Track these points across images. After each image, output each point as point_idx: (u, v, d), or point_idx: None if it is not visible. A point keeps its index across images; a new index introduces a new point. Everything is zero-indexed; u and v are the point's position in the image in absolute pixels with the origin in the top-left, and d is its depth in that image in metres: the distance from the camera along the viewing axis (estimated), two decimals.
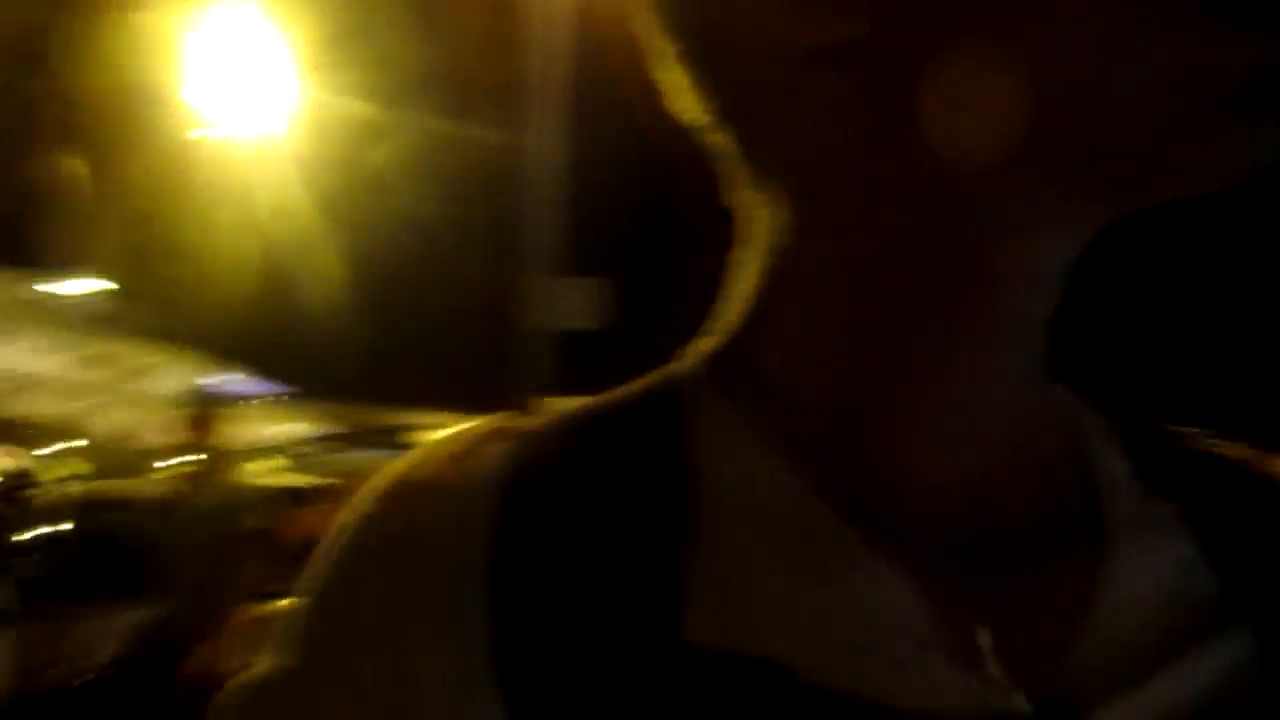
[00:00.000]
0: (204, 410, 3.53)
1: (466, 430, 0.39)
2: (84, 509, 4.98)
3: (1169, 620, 0.34)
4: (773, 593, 0.32)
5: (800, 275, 0.36)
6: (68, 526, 4.85)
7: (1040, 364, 0.36)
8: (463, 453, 0.37)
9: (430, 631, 0.33)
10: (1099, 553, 0.35)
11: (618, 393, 0.39)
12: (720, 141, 0.37)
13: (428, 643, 0.33)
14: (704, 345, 0.39)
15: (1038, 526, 0.35)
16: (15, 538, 6.91)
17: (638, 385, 0.40)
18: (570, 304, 5.36)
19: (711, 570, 0.33)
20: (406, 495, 0.36)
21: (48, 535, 5.04)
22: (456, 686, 0.32)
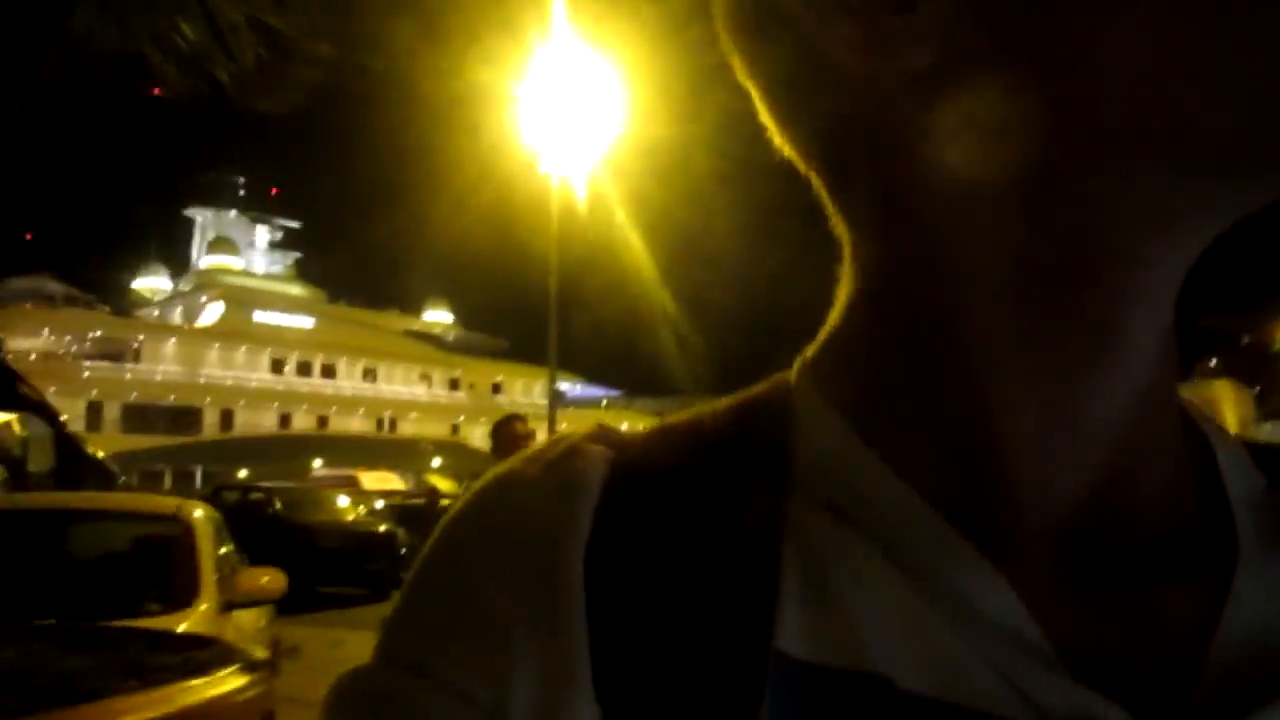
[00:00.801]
0: (550, 416, 3.88)
1: (568, 435, 0.39)
2: None
3: None
4: (871, 600, 0.32)
5: (894, 292, 0.35)
6: None
7: (1164, 381, 0.35)
8: (565, 454, 0.37)
9: (526, 625, 0.33)
10: (1228, 569, 0.33)
11: (723, 401, 0.39)
12: (812, 177, 0.37)
13: (523, 636, 0.33)
14: (809, 353, 0.39)
15: (1160, 543, 0.34)
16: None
17: (744, 394, 0.39)
18: None
19: (807, 575, 0.32)
20: (507, 492, 0.37)
21: None
22: (551, 682, 0.32)
